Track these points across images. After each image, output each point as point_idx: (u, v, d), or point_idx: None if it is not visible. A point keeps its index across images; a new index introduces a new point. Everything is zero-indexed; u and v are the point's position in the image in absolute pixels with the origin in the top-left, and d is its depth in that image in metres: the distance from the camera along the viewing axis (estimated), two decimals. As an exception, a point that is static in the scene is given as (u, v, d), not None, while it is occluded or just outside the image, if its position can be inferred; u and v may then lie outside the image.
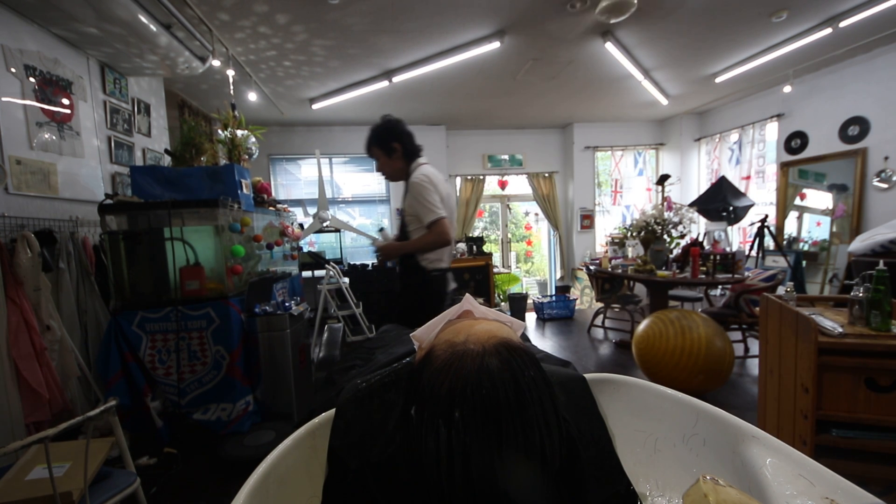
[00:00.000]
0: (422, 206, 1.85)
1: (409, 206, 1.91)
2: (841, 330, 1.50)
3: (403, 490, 0.48)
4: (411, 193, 1.87)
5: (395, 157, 1.96)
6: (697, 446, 0.58)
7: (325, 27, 2.83)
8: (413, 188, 1.86)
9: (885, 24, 3.10)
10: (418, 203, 1.85)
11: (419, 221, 1.89)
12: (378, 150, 1.98)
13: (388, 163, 1.98)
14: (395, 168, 1.98)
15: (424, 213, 1.85)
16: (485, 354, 0.46)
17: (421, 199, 1.84)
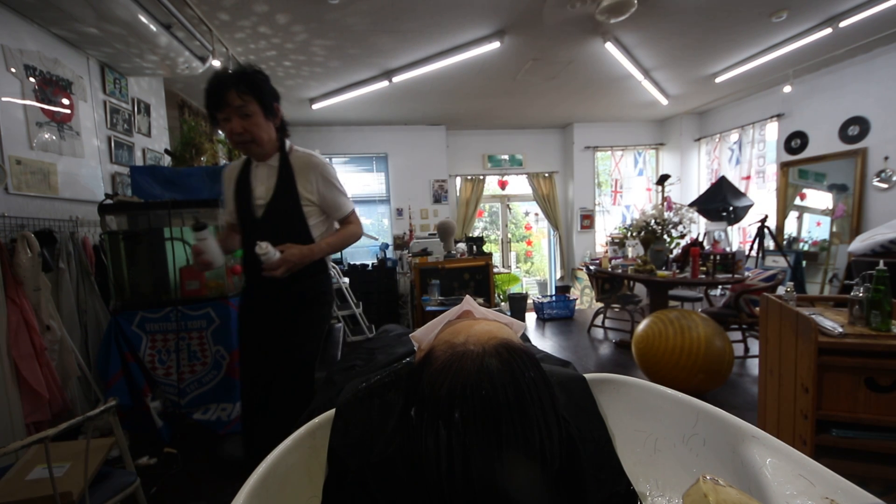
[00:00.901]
0: (339, 192, 1.55)
1: (314, 193, 1.50)
2: (841, 330, 1.50)
3: (403, 490, 0.48)
4: (319, 177, 1.50)
5: (272, 122, 1.47)
6: (697, 446, 0.58)
7: (325, 27, 2.83)
8: (320, 170, 1.50)
9: (885, 24, 3.10)
10: (334, 188, 1.53)
11: (327, 212, 1.57)
12: (256, 106, 1.39)
13: (263, 126, 1.43)
14: (267, 137, 1.46)
15: (342, 200, 1.56)
16: (485, 355, 0.46)
17: (336, 183, 1.54)
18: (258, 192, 1.50)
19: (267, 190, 1.49)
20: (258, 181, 1.51)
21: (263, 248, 1.30)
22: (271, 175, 1.50)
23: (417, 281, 4.00)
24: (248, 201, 1.51)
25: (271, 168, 1.51)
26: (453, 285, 4.08)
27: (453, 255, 4.08)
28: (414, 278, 4.08)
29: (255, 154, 1.49)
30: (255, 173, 1.52)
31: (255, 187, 1.51)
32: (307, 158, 1.51)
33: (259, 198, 1.50)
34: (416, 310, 4.12)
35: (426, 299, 3.76)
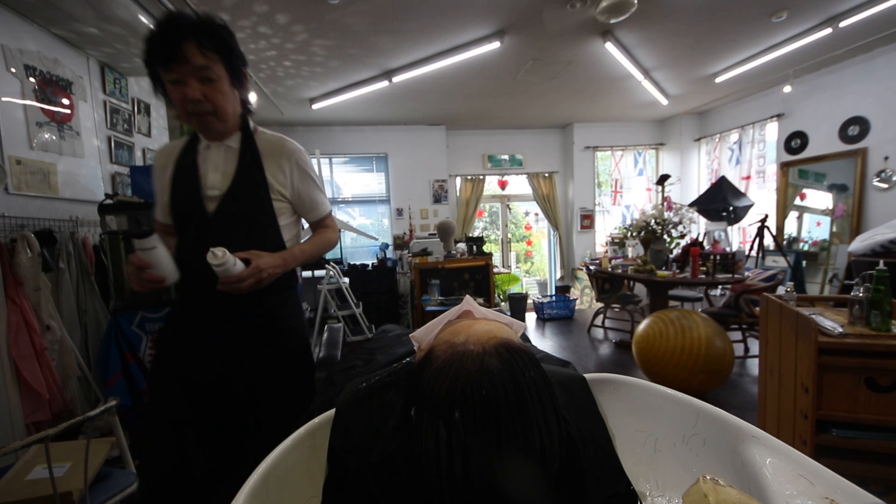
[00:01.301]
0: (317, 187, 1.24)
1: (287, 187, 1.18)
2: (841, 330, 1.50)
3: (403, 490, 0.48)
4: (294, 166, 1.18)
5: (239, 91, 1.12)
6: (697, 446, 0.58)
7: (325, 27, 2.83)
8: (296, 157, 1.19)
9: (885, 24, 3.10)
10: (312, 183, 1.22)
11: (300, 212, 1.25)
12: (222, 68, 1.04)
13: (228, 95, 1.07)
14: (231, 110, 1.10)
15: (320, 199, 1.26)
16: (485, 355, 0.46)
17: (315, 176, 1.23)
18: (210, 181, 1.10)
19: (224, 177, 1.10)
20: (210, 166, 1.11)
21: (220, 255, 0.94)
22: (230, 159, 1.12)
23: (417, 281, 4.00)
24: (193, 192, 1.09)
25: (230, 150, 1.12)
26: (453, 285, 4.08)
27: (453, 255, 4.08)
28: (414, 278, 4.08)
29: (211, 130, 1.10)
30: (206, 156, 1.12)
31: (205, 174, 1.11)
32: (279, 142, 1.17)
33: (211, 188, 1.09)
34: (416, 310, 4.12)
35: (426, 299, 3.76)
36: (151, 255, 0.98)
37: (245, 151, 1.13)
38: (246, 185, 1.11)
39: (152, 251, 0.97)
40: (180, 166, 1.13)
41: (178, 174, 1.13)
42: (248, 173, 1.12)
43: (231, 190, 1.10)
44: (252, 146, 1.14)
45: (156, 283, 0.99)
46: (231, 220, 1.10)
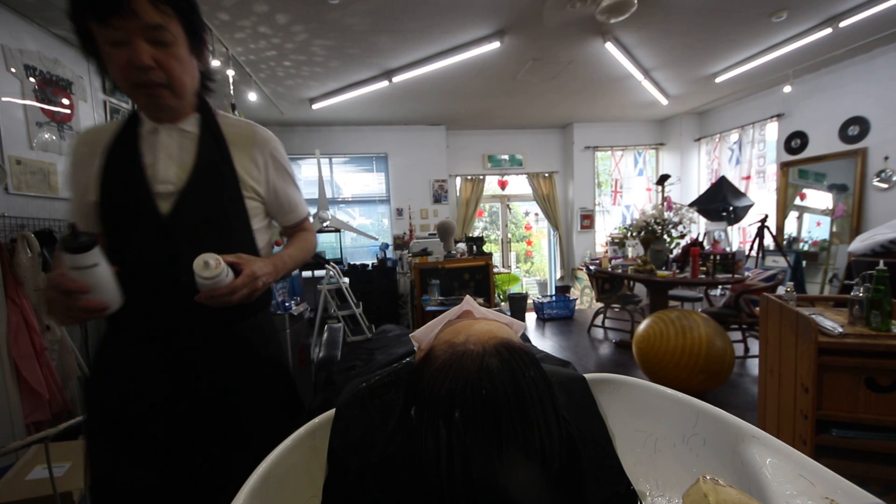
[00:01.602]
0: (295, 186, 1.06)
1: (262, 183, 0.97)
2: (841, 330, 1.50)
3: (403, 490, 0.48)
4: (269, 158, 0.98)
5: (198, 59, 0.89)
6: (697, 446, 0.58)
7: (325, 27, 2.83)
8: (272, 148, 0.99)
9: (885, 24, 3.10)
10: (290, 180, 1.04)
11: (274, 214, 1.05)
12: (180, 28, 0.82)
13: (186, 64, 0.85)
14: (190, 83, 0.87)
15: (298, 199, 1.07)
16: (485, 355, 0.46)
17: (292, 172, 1.05)
18: (161, 173, 0.86)
19: (180, 169, 0.87)
20: (161, 155, 0.87)
21: (214, 265, 0.74)
22: (186, 146, 0.89)
23: (417, 281, 4.00)
24: (137, 188, 0.85)
25: (186, 135, 0.89)
26: (453, 285, 4.08)
27: (453, 255, 4.08)
28: (414, 278, 4.08)
29: (162, 109, 0.86)
30: (153, 142, 0.88)
31: (152, 164, 0.86)
32: (249, 129, 0.96)
33: (163, 182, 0.85)
34: (416, 310, 4.13)
35: (426, 299, 3.76)
36: (91, 275, 0.69)
37: (207, 137, 0.90)
38: (211, 179, 0.88)
39: (92, 270, 0.69)
40: (115, 155, 0.86)
41: (112, 165, 0.86)
42: (212, 164, 0.89)
43: (191, 185, 0.86)
44: (215, 131, 0.92)
45: (95, 313, 0.72)
46: (193, 223, 0.85)
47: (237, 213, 0.92)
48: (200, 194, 0.87)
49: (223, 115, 0.97)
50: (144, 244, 0.84)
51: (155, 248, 0.83)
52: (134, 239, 0.84)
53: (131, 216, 0.84)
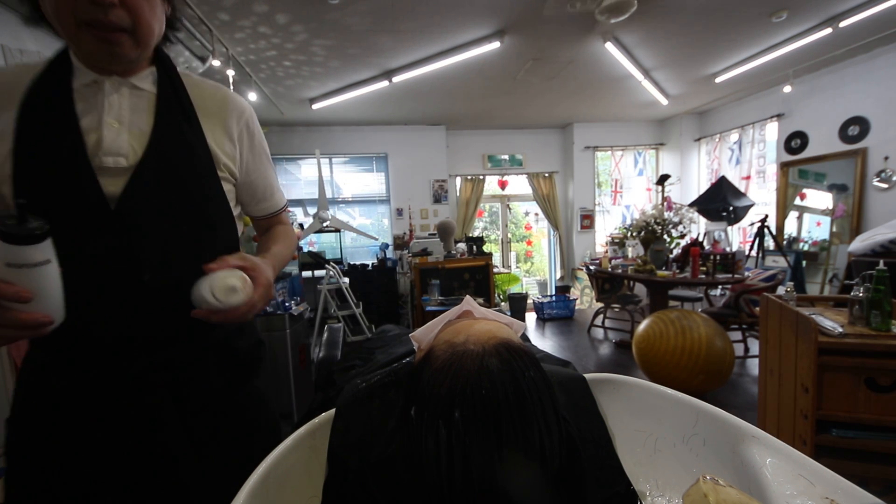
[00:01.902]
0: (272, 167, 0.89)
1: (235, 160, 0.79)
2: (841, 330, 1.50)
3: (403, 490, 0.48)
4: (245, 129, 0.80)
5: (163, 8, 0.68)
6: (697, 446, 0.58)
7: (325, 27, 2.83)
8: (248, 117, 0.81)
9: (885, 24, 3.10)
10: (266, 159, 0.86)
11: (246, 200, 0.86)
12: None
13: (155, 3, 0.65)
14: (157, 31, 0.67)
15: (275, 184, 0.90)
16: (485, 355, 0.46)
17: (269, 155, 0.88)
18: (108, 142, 0.64)
19: (135, 137, 0.66)
20: (106, 118, 0.65)
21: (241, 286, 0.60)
22: (140, 108, 0.68)
23: (417, 281, 4.00)
24: (74, 162, 0.62)
25: (139, 95, 0.69)
26: (453, 285, 4.08)
27: (453, 255, 4.08)
28: (414, 278, 4.08)
29: (117, 59, 0.64)
30: (93, 101, 0.65)
31: (92, 130, 0.64)
32: (221, 94, 0.78)
33: (111, 153, 0.64)
34: (416, 310, 4.13)
35: (426, 299, 3.76)
36: (38, 277, 0.49)
37: (168, 97, 0.69)
38: (177, 151, 0.68)
39: (40, 270, 0.49)
40: (37, 113, 0.62)
41: (32, 126, 0.61)
42: (177, 132, 0.68)
43: (151, 157, 0.65)
44: (179, 91, 0.71)
45: (35, 329, 0.51)
46: (156, 209, 0.65)
47: (215, 196, 0.72)
48: (165, 170, 0.66)
49: (185, 73, 0.75)
50: (85, 235, 0.62)
51: (100, 239, 0.62)
52: (71, 227, 0.60)
53: (61, 200, 0.61)
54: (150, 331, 0.66)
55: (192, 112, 0.72)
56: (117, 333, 0.65)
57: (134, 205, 0.64)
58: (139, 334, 0.66)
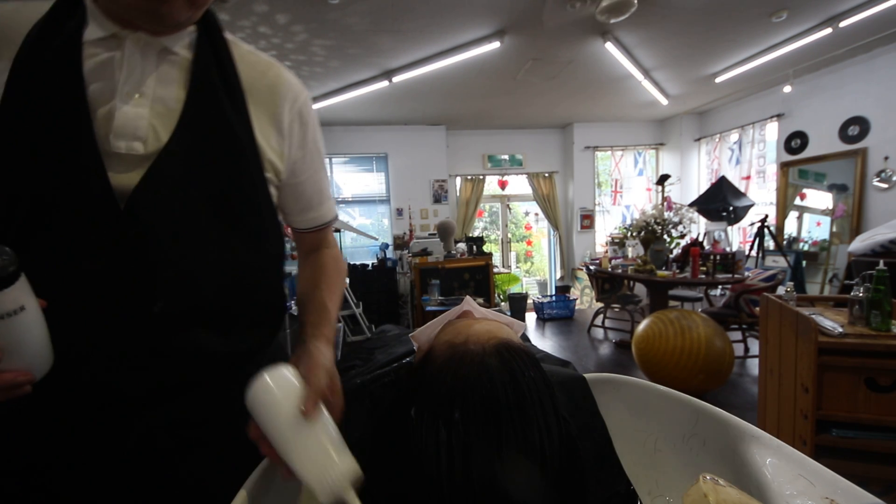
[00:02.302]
0: (325, 172, 0.71)
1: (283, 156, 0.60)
2: (841, 330, 1.50)
3: (403, 490, 0.48)
4: (297, 118, 0.61)
5: None
6: (697, 446, 0.58)
7: (325, 27, 2.83)
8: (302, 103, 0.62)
9: (885, 24, 3.10)
10: (321, 161, 0.68)
11: (290, 209, 0.68)
12: None
13: None
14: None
15: (327, 190, 0.71)
16: (485, 355, 0.46)
17: (322, 149, 0.69)
18: (124, 121, 0.47)
19: (159, 120, 0.49)
20: (124, 88, 0.48)
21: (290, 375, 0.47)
22: (171, 78, 0.51)
23: (417, 281, 4.00)
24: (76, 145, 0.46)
25: (172, 61, 0.52)
26: (453, 285, 4.08)
27: (453, 255, 4.08)
28: (414, 278, 4.08)
29: (159, 19, 0.47)
30: (108, 64, 0.48)
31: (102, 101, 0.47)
32: (271, 69, 0.60)
33: (126, 136, 0.47)
34: (416, 310, 4.13)
35: (426, 299, 3.76)
36: (10, 330, 0.39)
37: (208, 67, 0.52)
38: (213, 138, 0.51)
39: (12, 320, 0.39)
40: (31, 73, 0.45)
41: (21, 92, 0.45)
42: (216, 113, 0.52)
43: (177, 144, 0.49)
44: (223, 60, 0.54)
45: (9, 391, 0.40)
46: (179, 214, 0.49)
47: (260, 202, 0.55)
48: (195, 163, 0.49)
49: (233, 38, 0.58)
50: (82, 242, 0.46)
51: (102, 250, 0.46)
52: (63, 232, 0.45)
53: (57, 190, 0.45)
54: (159, 379, 0.50)
55: (239, 89, 0.55)
56: (116, 383, 0.48)
57: (150, 205, 0.47)
58: (145, 384, 0.50)
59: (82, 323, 0.47)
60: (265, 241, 0.57)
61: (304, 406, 0.43)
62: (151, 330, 0.49)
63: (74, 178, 0.46)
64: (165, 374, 0.51)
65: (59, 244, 0.46)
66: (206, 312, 0.51)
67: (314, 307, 0.62)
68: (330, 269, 0.70)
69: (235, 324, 0.56)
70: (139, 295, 0.47)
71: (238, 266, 0.54)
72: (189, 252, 0.50)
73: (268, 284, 0.60)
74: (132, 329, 0.48)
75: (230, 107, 0.53)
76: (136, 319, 0.48)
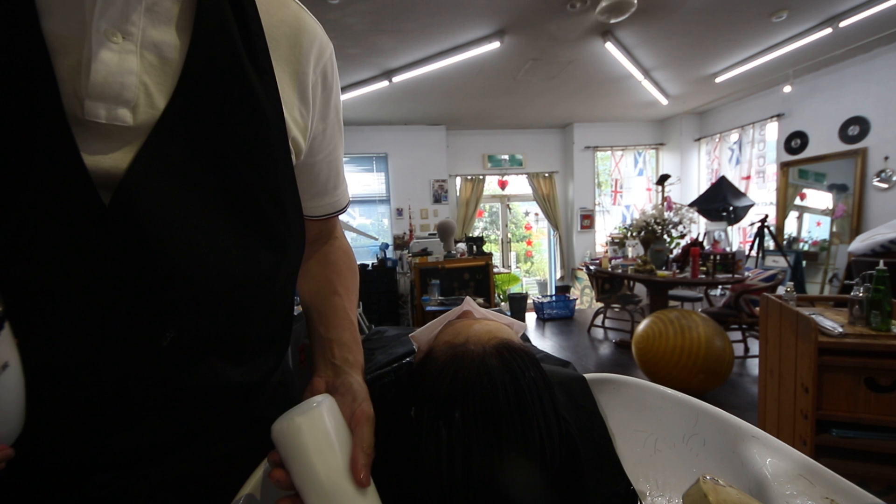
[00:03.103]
0: (342, 144, 0.56)
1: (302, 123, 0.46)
2: (841, 330, 1.50)
3: (403, 490, 0.48)
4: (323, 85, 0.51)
5: None
6: (697, 446, 0.58)
7: (326, 27, 2.79)
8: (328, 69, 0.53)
9: (885, 24, 3.10)
10: (340, 132, 0.55)
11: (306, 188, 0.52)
12: None
13: None
14: None
15: (342, 170, 0.59)
16: (485, 355, 0.46)
17: (342, 119, 0.56)
18: (104, 76, 0.31)
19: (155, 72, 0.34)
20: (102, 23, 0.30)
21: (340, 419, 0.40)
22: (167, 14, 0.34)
23: (417, 281, 4.00)
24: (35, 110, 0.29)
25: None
26: (453, 285, 4.08)
27: (453, 255, 4.08)
28: (414, 278, 4.08)
29: None
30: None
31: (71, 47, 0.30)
32: (291, 13, 0.50)
33: (109, 97, 0.31)
34: (416, 310, 4.13)
35: (426, 299, 3.76)
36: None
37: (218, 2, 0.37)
38: (230, 104, 0.37)
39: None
40: None
41: None
42: (232, 67, 0.37)
43: (180, 112, 0.35)
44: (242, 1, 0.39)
45: None
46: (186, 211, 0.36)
47: (287, 191, 0.44)
48: (205, 139, 0.36)
49: None
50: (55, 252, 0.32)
51: (82, 262, 0.33)
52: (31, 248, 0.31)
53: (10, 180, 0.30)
54: (170, 427, 0.40)
55: (261, 37, 0.41)
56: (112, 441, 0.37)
57: (148, 200, 0.33)
58: (151, 437, 0.39)
59: (65, 367, 0.34)
60: (289, 245, 0.45)
61: (358, 474, 0.36)
62: (158, 367, 0.37)
63: (29, 160, 0.29)
64: (177, 420, 0.40)
65: (23, 259, 0.30)
66: (221, 337, 0.41)
67: (337, 320, 0.52)
68: (343, 267, 0.60)
69: (247, 348, 0.45)
70: (142, 324, 0.35)
71: (258, 278, 0.42)
72: (201, 264, 0.36)
73: (283, 297, 0.48)
74: (133, 369, 0.36)
75: (248, 62, 0.38)
76: (137, 357, 0.36)
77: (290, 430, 0.35)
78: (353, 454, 0.38)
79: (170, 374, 0.38)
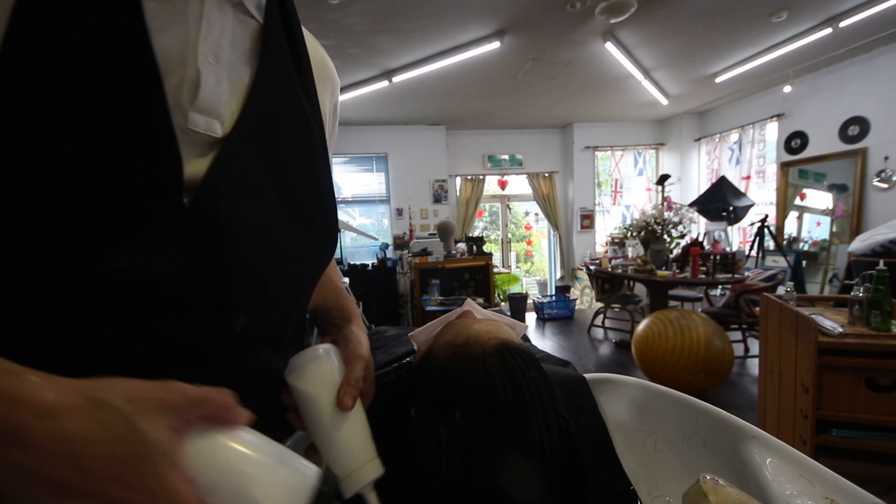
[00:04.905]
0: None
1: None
2: (841, 330, 1.50)
3: (403, 490, 0.48)
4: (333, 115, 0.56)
5: None
6: (697, 446, 0.58)
7: (325, 27, 2.83)
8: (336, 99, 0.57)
9: (885, 24, 3.10)
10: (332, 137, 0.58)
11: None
12: None
13: None
14: None
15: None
16: (485, 355, 0.46)
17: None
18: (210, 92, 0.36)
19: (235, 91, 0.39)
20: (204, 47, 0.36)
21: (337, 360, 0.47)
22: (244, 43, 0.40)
23: (417, 281, 4.00)
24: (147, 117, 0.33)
25: (245, 22, 0.41)
26: (453, 285, 4.08)
27: (453, 255, 4.08)
28: (414, 278, 4.08)
29: None
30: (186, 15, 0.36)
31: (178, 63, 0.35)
32: (318, 50, 0.52)
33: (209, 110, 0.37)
34: (416, 310, 4.13)
35: (426, 299, 3.76)
36: None
37: (277, 33, 0.43)
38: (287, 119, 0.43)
39: None
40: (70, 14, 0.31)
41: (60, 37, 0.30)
42: (288, 88, 0.44)
43: (249, 124, 0.39)
44: (293, 27, 0.45)
45: None
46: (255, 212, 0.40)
47: (330, 195, 0.49)
48: (267, 149, 0.41)
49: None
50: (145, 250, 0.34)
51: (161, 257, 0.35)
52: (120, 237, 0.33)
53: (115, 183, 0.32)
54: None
55: (309, 67, 0.47)
56: None
57: (226, 202, 0.37)
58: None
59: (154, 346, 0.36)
60: (330, 244, 0.51)
61: (342, 399, 0.43)
62: (229, 353, 0.40)
63: (136, 162, 0.32)
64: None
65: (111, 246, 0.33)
66: (275, 327, 0.46)
67: (332, 290, 0.59)
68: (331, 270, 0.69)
69: (285, 338, 0.49)
70: (219, 310, 0.38)
71: (306, 273, 0.48)
72: (267, 258, 0.41)
73: (311, 293, 0.54)
74: (212, 351, 0.38)
75: (299, 83, 0.45)
76: (214, 339, 0.38)
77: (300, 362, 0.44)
78: (340, 385, 0.44)
79: (238, 359, 0.41)
